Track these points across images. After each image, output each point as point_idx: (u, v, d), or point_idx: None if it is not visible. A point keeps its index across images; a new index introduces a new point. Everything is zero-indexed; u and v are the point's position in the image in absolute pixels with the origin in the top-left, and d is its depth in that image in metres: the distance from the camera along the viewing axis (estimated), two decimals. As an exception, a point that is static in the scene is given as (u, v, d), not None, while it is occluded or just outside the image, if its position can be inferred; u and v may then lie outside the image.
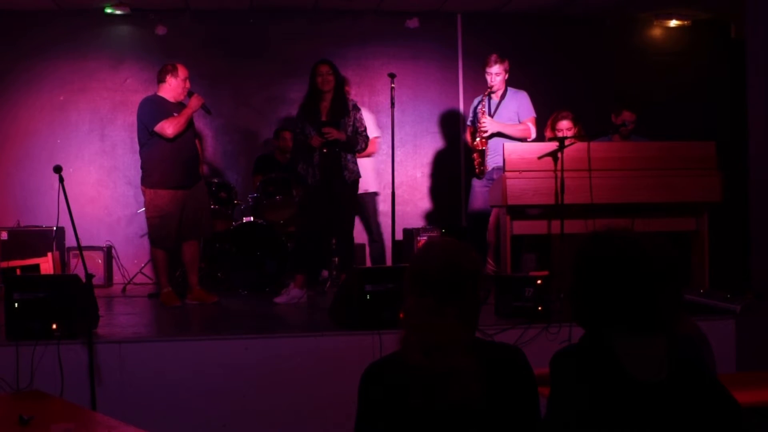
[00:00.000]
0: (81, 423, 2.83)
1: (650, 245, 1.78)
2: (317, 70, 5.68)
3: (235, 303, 5.87)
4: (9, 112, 7.45)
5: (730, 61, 7.53)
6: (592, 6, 7.71)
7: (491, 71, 6.07)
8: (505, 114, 6.13)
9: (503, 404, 1.92)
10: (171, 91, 5.72)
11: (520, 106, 6.19)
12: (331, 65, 5.71)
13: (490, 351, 2.01)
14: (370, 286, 4.45)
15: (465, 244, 2.11)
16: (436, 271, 2.02)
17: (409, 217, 7.78)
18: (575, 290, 1.83)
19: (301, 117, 5.77)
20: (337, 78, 5.70)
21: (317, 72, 5.67)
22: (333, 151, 5.64)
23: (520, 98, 6.21)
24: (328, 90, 5.67)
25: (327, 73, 5.66)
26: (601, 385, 1.72)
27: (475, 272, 2.05)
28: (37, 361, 3.96)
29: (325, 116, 5.67)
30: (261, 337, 4.34)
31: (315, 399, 4.13)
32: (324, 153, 5.63)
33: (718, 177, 5.67)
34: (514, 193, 5.49)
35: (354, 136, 5.68)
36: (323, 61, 5.74)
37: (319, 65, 5.71)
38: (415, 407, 1.90)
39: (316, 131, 5.61)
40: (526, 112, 6.21)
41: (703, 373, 1.80)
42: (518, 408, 1.94)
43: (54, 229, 6.66)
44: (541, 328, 4.43)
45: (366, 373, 2.03)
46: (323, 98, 5.69)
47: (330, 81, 5.66)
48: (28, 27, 7.42)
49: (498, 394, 1.91)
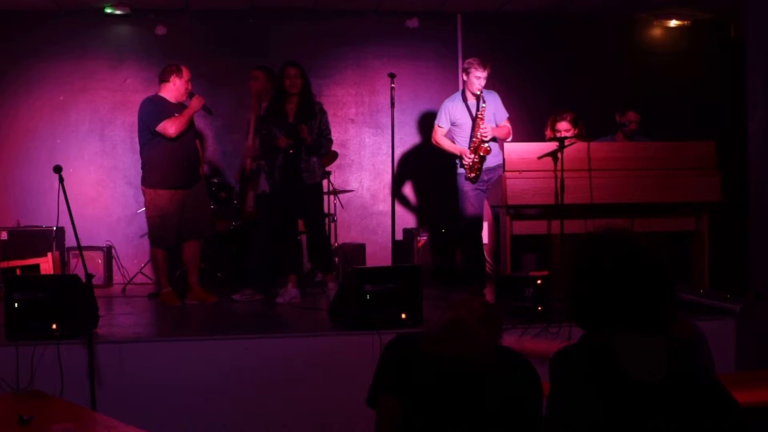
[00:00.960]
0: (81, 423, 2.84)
1: (649, 245, 1.78)
2: (285, 72, 5.73)
3: (235, 303, 5.86)
4: (9, 112, 7.45)
5: (730, 61, 7.52)
6: (592, 6, 7.71)
7: (481, 75, 5.92)
8: (486, 116, 6.05)
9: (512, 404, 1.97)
10: (174, 91, 5.72)
11: (496, 107, 6.10)
12: (299, 68, 5.76)
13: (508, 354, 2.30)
14: (370, 286, 4.45)
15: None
16: None
17: (408, 217, 7.78)
18: (574, 291, 1.83)
19: (267, 118, 5.81)
20: (304, 81, 5.75)
21: (285, 74, 5.71)
22: (297, 154, 5.69)
23: (495, 99, 6.09)
24: (295, 93, 5.71)
25: (295, 76, 5.70)
26: (601, 385, 1.72)
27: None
28: (37, 361, 3.96)
29: (292, 118, 5.70)
30: (261, 337, 4.34)
31: (315, 399, 4.13)
32: (289, 154, 5.68)
33: (718, 177, 5.68)
34: (514, 193, 5.50)
35: (319, 138, 5.76)
36: (291, 64, 5.78)
37: (287, 68, 5.75)
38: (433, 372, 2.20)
39: (283, 133, 5.66)
40: (502, 113, 6.14)
41: (702, 374, 1.80)
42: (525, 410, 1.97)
43: (54, 229, 6.66)
44: (541, 328, 4.43)
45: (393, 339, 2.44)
46: (290, 100, 5.73)
47: (298, 84, 5.71)
48: (28, 27, 7.43)
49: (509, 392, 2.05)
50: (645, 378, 1.72)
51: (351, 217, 7.78)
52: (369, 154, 7.87)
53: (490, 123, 6.01)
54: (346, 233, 7.65)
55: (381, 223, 7.74)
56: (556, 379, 1.80)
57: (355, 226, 7.78)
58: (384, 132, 7.76)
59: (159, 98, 5.73)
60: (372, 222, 7.82)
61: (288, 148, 5.65)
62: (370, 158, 7.87)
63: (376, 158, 7.89)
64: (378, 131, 7.88)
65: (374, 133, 7.89)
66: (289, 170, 5.70)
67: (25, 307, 4.11)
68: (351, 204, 7.74)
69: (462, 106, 6.06)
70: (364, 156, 7.90)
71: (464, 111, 6.06)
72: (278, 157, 5.71)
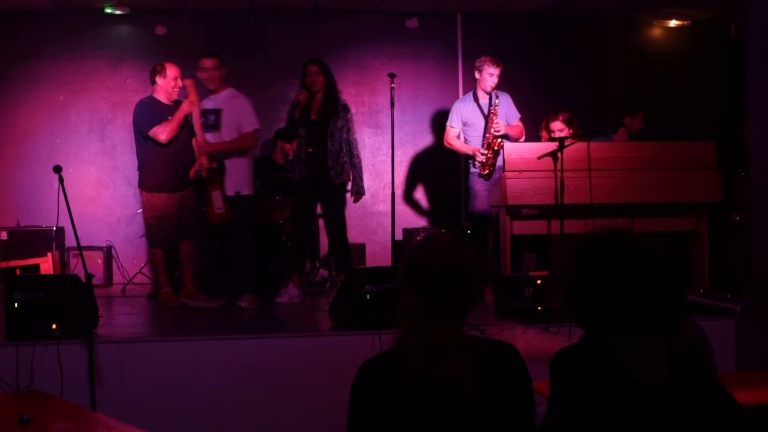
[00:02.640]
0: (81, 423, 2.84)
1: (648, 245, 1.78)
2: (306, 69, 5.73)
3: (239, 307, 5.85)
4: (9, 112, 7.44)
5: (730, 61, 7.52)
6: (592, 6, 7.70)
7: (494, 72, 6.03)
8: (498, 114, 6.10)
9: (500, 402, 1.91)
10: (162, 92, 5.74)
11: (508, 107, 6.19)
12: (320, 64, 5.74)
13: (484, 349, 1.98)
14: (370, 286, 4.45)
15: (464, 239, 2.05)
16: (437, 269, 1.94)
17: (408, 217, 7.78)
18: (574, 291, 1.83)
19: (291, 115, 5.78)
20: (326, 77, 5.72)
21: (306, 72, 5.72)
22: (319, 151, 5.65)
23: (507, 100, 6.20)
24: (317, 90, 5.70)
25: (315, 72, 5.69)
26: (601, 385, 1.72)
27: (475, 269, 1.99)
28: (37, 361, 3.96)
29: (315, 115, 5.68)
30: (261, 337, 4.34)
31: (315, 399, 4.12)
32: (309, 153, 5.66)
33: (718, 177, 5.68)
34: (514, 193, 5.50)
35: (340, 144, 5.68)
36: (312, 61, 5.78)
37: (308, 65, 5.75)
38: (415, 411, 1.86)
39: (306, 131, 5.66)
40: (515, 113, 6.24)
41: (702, 374, 1.80)
42: (515, 404, 1.94)
43: (54, 229, 6.66)
44: (541, 328, 4.43)
45: (361, 371, 1.97)
46: (313, 97, 5.71)
47: (318, 81, 5.69)
48: (28, 27, 7.42)
49: (495, 392, 1.91)
50: (645, 378, 1.72)
51: (351, 217, 7.75)
52: (369, 154, 7.87)
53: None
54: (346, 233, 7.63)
55: (381, 223, 7.74)
56: (556, 380, 1.80)
57: (355, 226, 7.77)
58: (384, 132, 7.76)
59: (152, 100, 5.73)
60: (372, 222, 7.82)
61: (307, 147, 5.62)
62: (370, 158, 7.87)
63: (376, 158, 7.89)
64: (378, 131, 7.88)
65: (374, 133, 7.89)
66: (315, 168, 5.67)
67: (25, 307, 4.10)
68: (351, 204, 7.73)
69: (473, 105, 6.14)
70: (364, 156, 7.86)
71: (476, 110, 6.13)
72: (301, 153, 5.71)
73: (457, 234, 2.11)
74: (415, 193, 7.94)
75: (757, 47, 5.36)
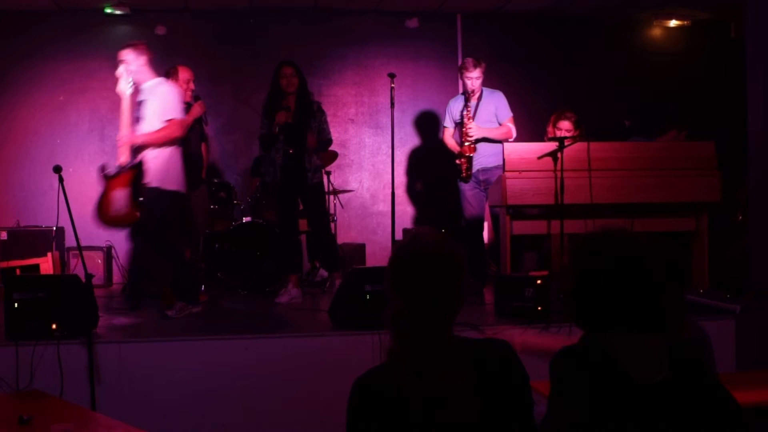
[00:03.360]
0: (81, 423, 2.83)
1: (648, 245, 1.78)
2: (281, 72, 5.72)
3: (235, 303, 5.86)
4: (9, 112, 7.45)
5: (730, 61, 7.52)
6: (592, 6, 7.71)
7: (471, 76, 5.88)
8: (484, 115, 5.99)
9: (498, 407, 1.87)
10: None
11: (498, 107, 6.02)
12: (295, 67, 5.74)
13: (477, 353, 1.90)
14: (369, 286, 4.45)
15: (450, 237, 1.97)
16: (429, 266, 1.88)
17: (408, 217, 7.78)
18: (574, 291, 1.83)
19: (266, 116, 5.77)
20: (301, 79, 5.73)
21: (281, 74, 5.71)
22: (297, 153, 5.68)
23: (498, 98, 6.04)
24: (292, 92, 5.71)
25: (291, 75, 5.70)
26: (601, 385, 1.72)
27: (463, 266, 1.93)
28: (37, 361, 3.96)
29: (291, 118, 5.69)
30: (261, 337, 4.34)
31: (315, 399, 4.12)
32: (289, 154, 5.68)
33: (718, 177, 5.68)
34: (514, 193, 5.50)
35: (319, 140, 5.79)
36: (287, 63, 5.77)
37: (283, 67, 5.74)
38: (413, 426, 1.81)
39: (281, 132, 5.66)
40: (505, 112, 6.03)
41: (702, 374, 1.80)
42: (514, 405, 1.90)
43: (54, 229, 6.67)
44: (541, 328, 4.42)
45: (355, 389, 1.90)
46: (287, 99, 5.72)
47: (294, 83, 5.70)
48: (28, 27, 7.42)
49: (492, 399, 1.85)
50: (645, 378, 1.72)
51: (351, 217, 7.78)
52: (369, 154, 7.87)
53: (491, 122, 5.98)
54: (346, 233, 7.64)
55: (381, 223, 7.74)
56: (556, 380, 1.80)
57: (355, 226, 7.78)
58: (384, 132, 7.76)
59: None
60: (372, 222, 7.82)
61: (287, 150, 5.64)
62: (369, 158, 7.87)
63: (375, 158, 7.89)
64: (378, 131, 7.88)
65: (374, 133, 7.89)
66: (292, 169, 5.69)
67: (25, 307, 4.10)
68: (351, 204, 7.74)
69: (464, 106, 6.07)
70: (364, 156, 7.90)
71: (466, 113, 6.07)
72: (277, 156, 5.71)
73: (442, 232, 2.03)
74: (415, 193, 7.94)
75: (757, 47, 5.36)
